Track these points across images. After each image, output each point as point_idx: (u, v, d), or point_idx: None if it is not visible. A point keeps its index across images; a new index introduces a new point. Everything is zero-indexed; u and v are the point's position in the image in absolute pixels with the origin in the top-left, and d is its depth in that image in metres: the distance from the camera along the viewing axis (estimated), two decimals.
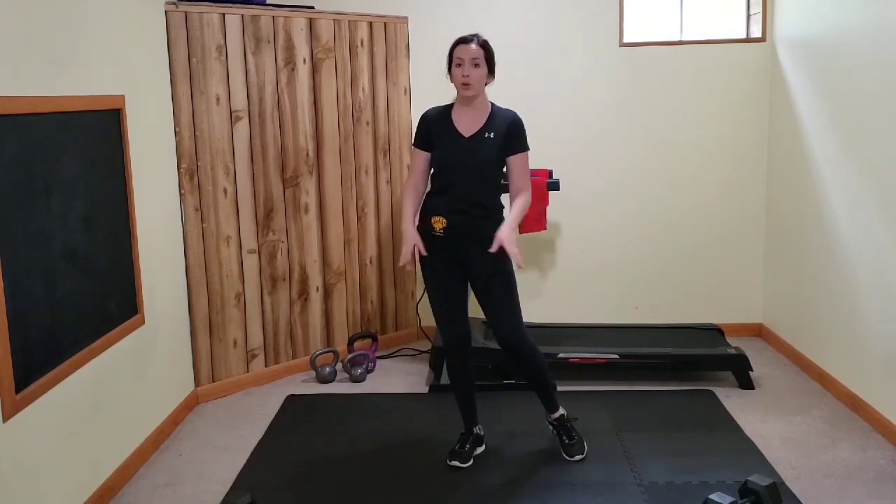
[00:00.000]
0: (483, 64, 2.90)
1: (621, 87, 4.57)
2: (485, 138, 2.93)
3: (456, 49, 2.92)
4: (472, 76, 2.88)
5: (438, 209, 2.96)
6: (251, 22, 3.81)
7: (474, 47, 2.89)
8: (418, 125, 3.05)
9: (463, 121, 2.97)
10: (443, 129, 2.98)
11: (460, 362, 3.12)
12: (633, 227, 4.68)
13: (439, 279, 3.04)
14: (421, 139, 3.04)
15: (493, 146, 2.93)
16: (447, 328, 3.07)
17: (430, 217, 2.98)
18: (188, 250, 3.72)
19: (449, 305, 3.06)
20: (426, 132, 3.01)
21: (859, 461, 3.12)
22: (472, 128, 2.95)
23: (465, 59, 2.87)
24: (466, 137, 2.94)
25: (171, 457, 3.30)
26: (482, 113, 2.97)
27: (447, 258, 3.00)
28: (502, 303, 3.00)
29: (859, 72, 3.50)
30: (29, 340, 2.39)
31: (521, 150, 2.98)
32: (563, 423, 3.21)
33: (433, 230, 2.97)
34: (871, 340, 3.45)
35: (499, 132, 2.94)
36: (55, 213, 2.55)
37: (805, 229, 4.10)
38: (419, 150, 3.04)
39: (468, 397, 3.19)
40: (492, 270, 2.96)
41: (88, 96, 2.77)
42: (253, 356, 4.04)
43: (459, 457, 3.12)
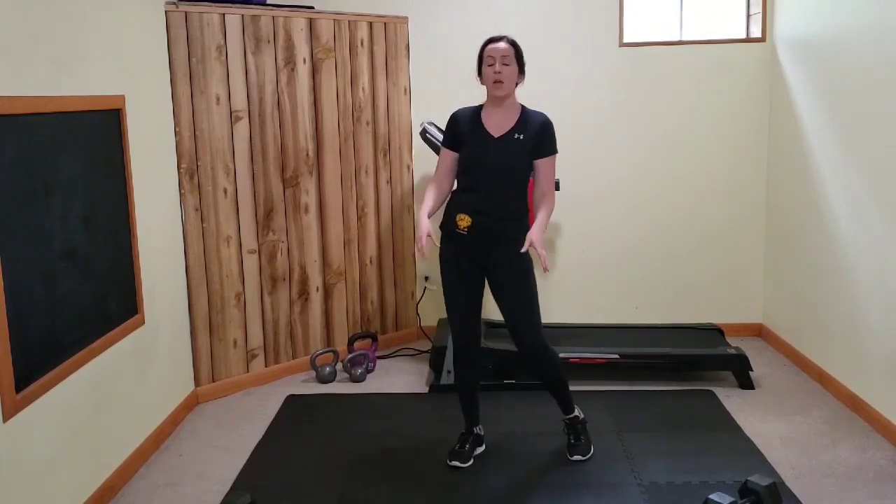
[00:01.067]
0: (513, 62, 2.90)
1: (621, 87, 4.57)
2: (514, 139, 2.92)
3: (486, 49, 2.92)
4: (504, 73, 2.88)
5: (463, 207, 2.94)
6: (251, 22, 3.81)
7: (504, 45, 2.90)
8: (447, 125, 3.04)
9: (493, 121, 2.96)
10: (472, 129, 2.97)
11: (468, 363, 3.11)
12: (633, 226, 4.68)
13: (458, 278, 3.02)
14: (449, 139, 3.02)
15: (523, 147, 2.92)
16: (459, 328, 3.06)
17: (454, 215, 2.96)
18: (188, 250, 3.72)
19: (464, 305, 3.05)
20: (455, 132, 3.00)
21: (859, 461, 3.12)
22: (502, 128, 2.95)
23: (495, 58, 2.88)
24: (496, 137, 2.93)
25: (171, 457, 3.30)
26: (513, 113, 2.97)
27: (468, 257, 2.99)
28: (523, 307, 2.99)
29: (859, 72, 3.50)
30: (29, 340, 2.39)
31: (550, 154, 2.98)
32: (575, 423, 3.22)
33: (457, 228, 2.95)
34: (871, 340, 3.45)
35: (529, 134, 2.93)
36: (55, 213, 2.55)
37: (805, 229, 4.10)
38: (447, 150, 3.03)
39: (472, 398, 3.19)
40: (514, 274, 2.96)
41: (88, 96, 2.77)
42: (253, 356, 4.04)
43: (459, 457, 3.12)
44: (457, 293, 3.04)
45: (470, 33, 4.53)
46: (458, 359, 3.12)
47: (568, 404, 3.21)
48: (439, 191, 3.02)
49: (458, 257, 3.00)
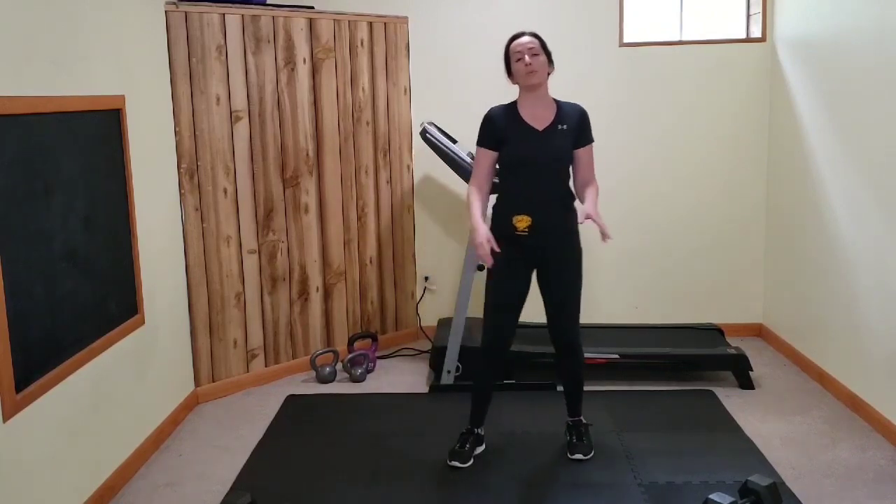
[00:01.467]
0: (541, 52, 2.91)
1: (621, 87, 4.57)
2: (559, 130, 2.93)
3: (511, 46, 2.94)
4: (535, 63, 2.89)
5: (519, 208, 2.93)
6: (251, 22, 3.82)
7: (528, 38, 2.91)
8: (483, 125, 3.01)
9: (532, 115, 2.95)
10: (512, 126, 2.95)
11: (494, 364, 3.11)
12: (633, 226, 4.68)
13: (511, 277, 3.01)
14: (488, 138, 2.99)
15: (567, 138, 2.94)
16: (495, 328, 3.05)
17: (509, 217, 2.94)
18: (188, 250, 3.72)
19: (507, 306, 3.03)
20: (493, 130, 2.98)
21: (859, 461, 3.12)
22: (544, 120, 2.94)
23: (523, 51, 2.89)
24: (540, 131, 2.93)
25: (171, 457, 3.30)
26: (550, 106, 2.97)
27: (524, 259, 2.99)
28: (570, 301, 3.04)
29: (859, 72, 3.50)
30: (29, 340, 2.39)
31: (589, 143, 3.00)
32: (579, 426, 3.24)
33: (516, 230, 2.94)
34: (871, 340, 3.45)
35: (570, 124, 2.94)
36: (55, 213, 2.55)
37: (805, 229, 4.10)
38: (486, 150, 3.00)
39: (486, 398, 3.19)
40: (568, 268, 3.00)
41: (88, 96, 2.77)
42: (253, 356, 4.04)
43: (459, 457, 3.13)
44: (506, 291, 3.03)
45: (470, 33, 4.55)
46: (488, 357, 3.10)
47: (578, 407, 3.24)
48: (482, 194, 3.02)
49: (513, 257, 2.98)
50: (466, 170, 3.87)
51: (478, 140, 3.03)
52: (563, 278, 3.02)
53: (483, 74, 4.56)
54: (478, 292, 4.70)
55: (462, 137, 4.25)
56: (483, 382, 3.17)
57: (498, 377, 3.17)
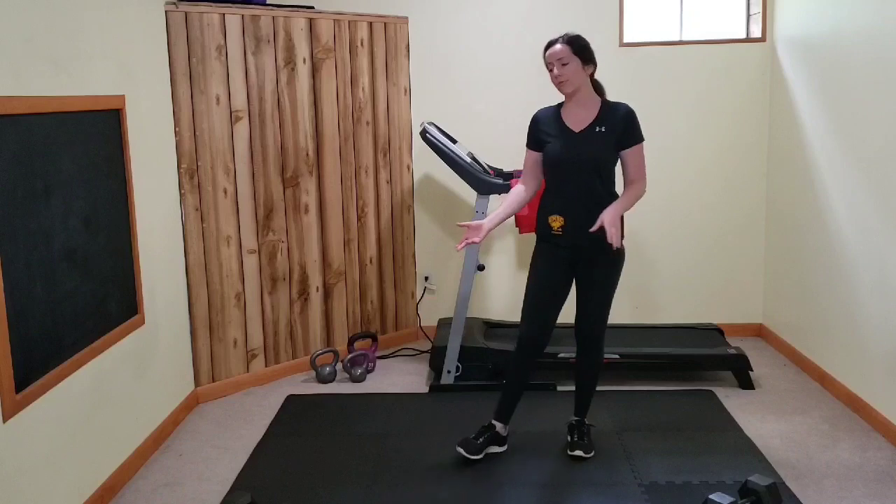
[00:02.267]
0: (572, 59, 2.91)
1: (621, 87, 4.57)
2: (595, 132, 2.95)
3: (545, 55, 2.97)
4: (563, 74, 2.91)
5: (555, 208, 3.00)
6: (251, 22, 3.82)
7: (559, 47, 2.92)
8: (529, 125, 3.10)
9: (572, 117, 3.00)
10: (552, 127, 3.01)
11: (527, 359, 3.13)
12: (633, 226, 4.68)
13: (546, 276, 3.05)
14: (531, 140, 3.08)
15: (605, 140, 2.95)
16: (531, 325, 3.07)
17: (547, 217, 3.02)
18: (188, 250, 3.72)
19: (543, 304, 3.06)
20: (536, 132, 3.06)
21: (859, 461, 3.12)
22: (583, 123, 2.98)
23: (553, 62, 2.93)
24: (576, 132, 2.97)
25: (171, 457, 3.30)
26: (592, 107, 2.99)
27: (563, 259, 3.03)
28: (601, 301, 3.07)
29: (859, 71, 3.50)
30: (29, 340, 2.39)
31: (636, 143, 3.00)
32: (582, 426, 3.25)
33: (552, 230, 3.01)
34: (871, 340, 3.45)
35: (611, 126, 2.95)
36: (55, 213, 2.55)
37: (805, 229, 4.10)
38: (529, 151, 3.10)
39: (514, 395, 3.20)
40: (604, 270, 3.02)
41: (88, 96, 2.77)
42: (253, 356, 4.04)
43: (467, 445, 3.12)
44: (540, 290, 3.06)
45: (470, 33, 4.55)
46: (519, 355, 3.12)
47: (586, 408, 3.26)
48: (525, 190, 3.10)
49: (552, 258, 3.04)
50: (466, 170, 3.87)
51: (526, 141, 3.12)
52: (594, 278, 3.05)
53: (483, 74, 4.57)
54: (478, 292, 4.71)
55: (462, 137, 4.26)
56: (513, 377, 3.18)
57: (527, 374, 3.17)
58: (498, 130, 4.53)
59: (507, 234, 4.71)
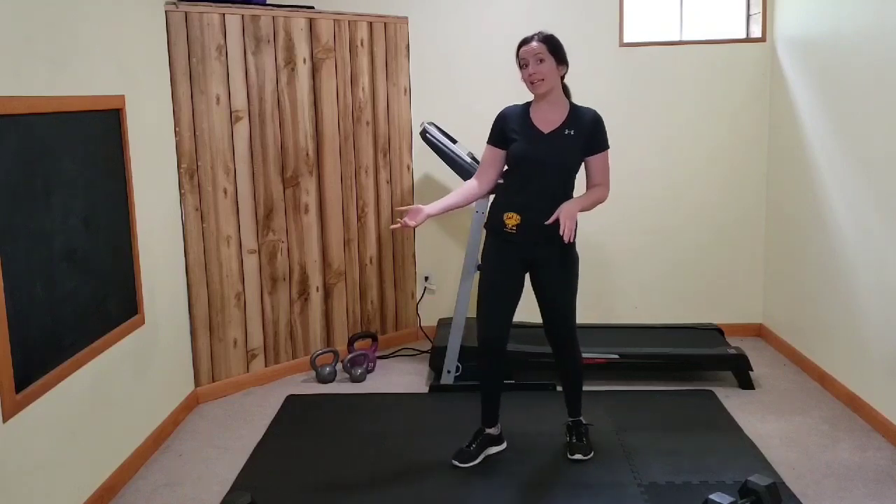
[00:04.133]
0: (548, 58, 2.89)
1: (621, 87, 4.57)
2: (564, 135, 2.93)
3: (519, 51, 2.94)
4: (540, 71, 2.88)
5: (512, 206, 2.96)
6: (251, 22, 3.82)
7: (535, 44, 2.90)
8: (494, 122, 3.04)
9: (541, 118, 2.96)
10: (520, 126, 2.97)
11: (494, 363, 3.10)
12: (633, 226, 4.68)
13: (501, 274, 3.02)
14: (495, 136, 3.03)
15: (573, 143, 2.93)
16: (488, 327, 3.04)
17: (502, 213, 2.98)
18: (188, 250, 3.72)
19: (499, 304, 3.04)
20: (501, 129, 3.01)
21: (859, 461, 3.12)
22: (552, 124, 2.95)
23: (528, 58, 2.89)
24: (545, 133, 2.94)
25: (171, 457, 3.30)
26: (561, 109, 2.97)
27: (515, 257, 3.00)
28: (563, 304, 3.03)
29: (859, 71, 3.50)
30: (29, 340, 2.39)
31: (603, 150, 2.99)
32: (579, 426, 3.24)
33: (505, 227, 2.97)
34: (871, 340, 3.45)
35: (580, 130, 2.93)
36: (55, 213, 2.55)
37: (805, 229, 4.10)
38: (491, 146, 3.04)
39: (492, 398, 3.18)
40: (559, 271, 2.99)
41: (88, 96, 2.77)
42: (253, 356, 4.04)
43: (460, 455, 3.12)
44: (494, 292, 3.04)
45: (470, 33, 4.55)
46: (484, 358, 3.10)
47: (577, 407, 3.25)
48: (478, 184, 3.06)
49: (503, 254, 3.01)
50: (466, 170, 3.88)
51: (488, 136, 3.06)
52: (552, 279, 3.01)
53: (483, 74, 4.57)
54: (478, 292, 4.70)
55: (462, 137, 4.25)
56: (486, 380, 3.16)
57: (500, 374, 3.14)
58: None
59: None
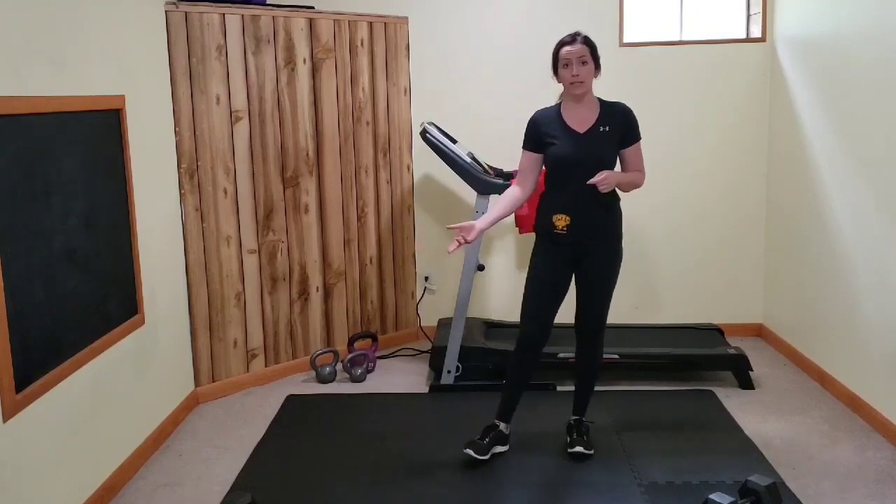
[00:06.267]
0: (590, 60, 2.93)
1: (621, 87, 4.56)
2: (600, 132, 2.96)
3: (561, 51, 2.95)
4: (582, 73, 2.91)
5: (560, 207, 2.99)
6: (251, 22, 3.81)
7: (579, 46, 2.92)
8: (527, 128, 3.07)
9: (574, 118, 2.99)
10: (555, 129, 3.00)
11: (529, 361, 3.13)
12: (632, 227, 4.65)
13: (548, 274, 3.05)
14: (530, 141, 3.06)
15: (610, 139, 2.97)
16: (532, 324, 3.08)
17: (550, 216, 3.01)
18: (188, 250, 3.72)
19: (545, 303, 3.07)
20: (536, 134, 3.03)
21: (859, 461, 3.12)
22: (586, 123, 2.98)
23: (572, 59, 2.91)
24: (581, 133, 2.97)
25: (171, 457, 3.30)
26: (592, 108, 3.00)
27: (566, 257, 3.03)
28: (601, 300, 3.09)
29: (859, 72, 3.50)
30: (29, 340, 2.39)
31: (637, 140, 3.03)
32: (581, 425, 3.25)
33: (556, 229, 3.00)
34: (871, 340, 3.45)
35: (613, 125, 2.97)
36: (55, 213, 2.55)
37: (805, 229, 4.10)
38: (528, 152, 3.07)
39: (516, 396, 3.20)
40: (605, 268, 3.06)
41: (88, 96, 2.77)
42: (253, 356, 4.04)
43: (475, 446, 3.12)
44: (541, 289, 3.07)
45: (470, 33, 4.55)
46: (520, 354, 3.13)
47: (585, 407, 3.27)
48: (521, 190, 3.09)
49: (554, 255, 3.05)
50: (466, 170, 3.88)
51: (522, 142, 3.09)
52: (596, 277, 3.07)
53: (483, 74, 4.57)
54: (478, 292, 4.70)
55: (462, 137, 4.25)
56: (514, 376, 3.18)
57: (531, 371, 3.17)
58: (498, 130, 4.52)
59: (507, 234, 4.71)
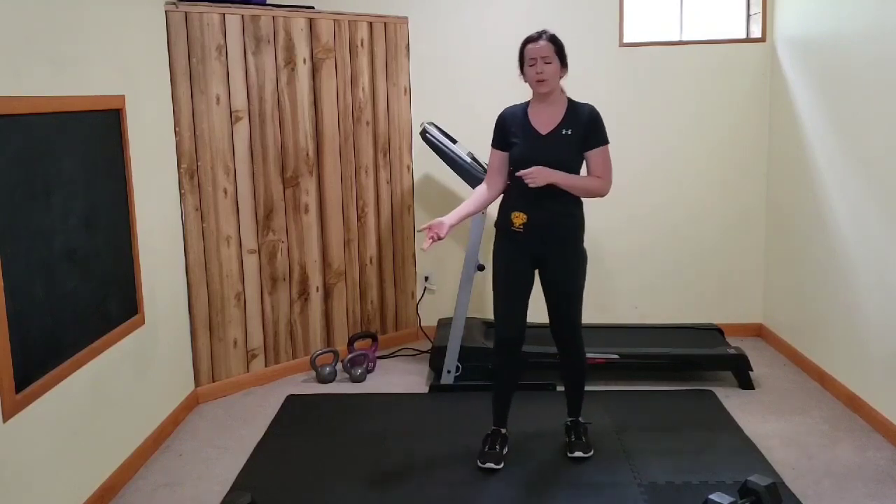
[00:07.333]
0: (555, 59, 2.90)
1: (621, 87, 4.57)
2: (562, 135, 2.94)
3: (526, 49, 2.93)
4: (546, 72, 2.89)
5: (518, 205, 2.98)
6: (251, 22, 3.82)
7: (543, 44, 2.90)
8: (495, 125, 3.05)
9: (540, 118, 2.97)
10: (519, 128, 2.98)
11: (510, 362, 3.12)
12: (632, 227, 4.68)
13: (511, 273, 3.05)
14: (497, 139, 3.05)
15: (571, 142, 2.94)
16: (505, 325, 3.07)
17: (509, 213, 3.00)
18: (188, 250, 3.72)
19: (513, 303, 3.06)
20: (502, 132, 3.02)
21: (859, 461, 3.12)
22: (549, 125, 2.95)
23: (536, 58, 2.89)
24: (543, 135, 2.95)
25: (171, 457, 3.30)
26: (559, 109, 2.97)
27: (523, 255, 3.02)
28: (569, 302, 3.05)
29: (859, 71, 3.50)
30: (29, 340, 2.39)
31: (601, 145, 2.99)
32: (578, 426, 3.24)
33: (513, 226, 2.99)
34: (871, 340, 3.45)
35: (577, 128, 2.94)
36: (55, 213, 2.55)
37: (805, 229, 4.10)
38: (495, 150, 3.06)
39: (507, 398, 3.19)
40: (567, 269, 3.02)
41: (88, 96, 2.77)
42: (253, 356, 4.04)
43: (493, 457, 3.10)
44: (507, 291, 3.06)
45: (470, 33, 4.55)
46: (500, 357, 3.12)
47: (578, 407, 3.25)
48: (488, 189, 3.07)
49: (512, 253, 3.03)
50: (466, 170, 3.88)
51: (491, 140, 3.08)
52: (558, 278, 3.04)
53: (483, 74, 4.56)
54: (478, 292, 4.70)
55: (462, 137, 4.25)
56: (501, 379, 3.17)
57: (516, 373, 3.16)
58: None
59: None
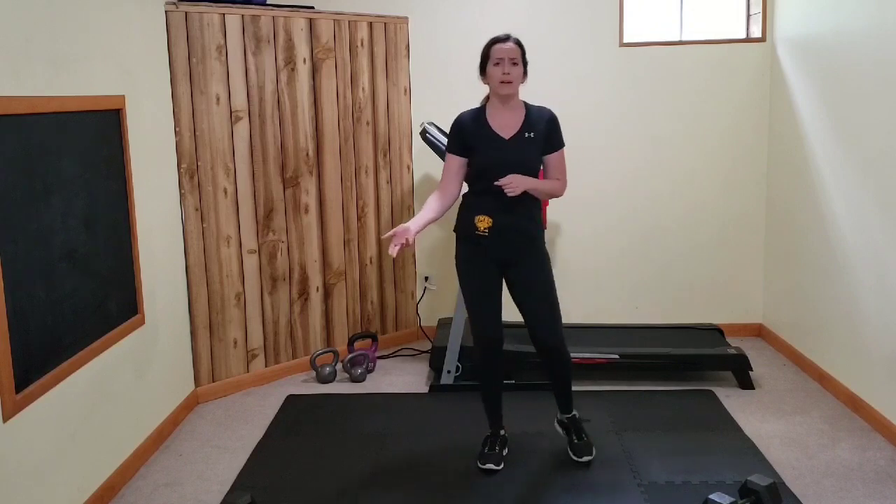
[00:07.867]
0: (520, 62, 2.90)
1: (621, 87, 4.57)
2: (525, 138, 2.92)
3: (493, 49, 2.90)
4: (512, 74, 2.87)
5: (482, 209, 2.94)
6: (251, 22, 3.82)
7: (511, 45, 2.88)
8: (451, 130, 2.99)
9: (499, 122, 2.94)
10: (480, 133, 2.94)
11: (492, 364, 3.09)
12: (633, 226, 4.68)
13: (478, 279, 3.01)
14: (456, 145, 2.98)
15: (535, 146, 2.93)
16: (481, 329, 3.04)
17: (473, 217, 2.96)
18: (188, 250, 3.72)
19: (485, 306, 3.02)
20: (461, 138, 2.96)
21: (859, 461, 3.12)
22: (511, 129, 2.93)
23: (504, 58, 2.86)
24: (507, 139, 2.92)
25: (171, 457, 3.30)
26: (518, 113, 2.96)
27: (489, 259, 2.99)
28: (542, 304, 2.99)
29: (859, 71, 3.50)
30: (29, 340, 2.39)
31: (559, 148, 2.99)
32: (574, 422, 3.21)
33: (477, 230, 2.95)
34: (871, 340, 3.45)
35: (538, 131, 2.93)
36: (55, 213, 2.55)
37: (805, 229, 4.10)
38: (453, 156, 2.99)
39: (496, 398, 3.17)
40: (533, 272, 2.98)
41: (88, 96, 2.77)
42: (253, 356, 4.04)
43: (493, 459, 3.09)
44: (477, 295, 3.02)
45: (470, 33, 4.54)
46: (481, 360, 3.09)
47: (569, 404, 3.21)
48: (443, 196, 3.00)
49: (476, 258, 3.00)
50: None
51: (447, 145, 3.03)
52: (528, 280, 2.99)
53: None
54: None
55: None
56: (487, 382, 3.13)
57: (500, 373, 3.13)
58: None
59: None
